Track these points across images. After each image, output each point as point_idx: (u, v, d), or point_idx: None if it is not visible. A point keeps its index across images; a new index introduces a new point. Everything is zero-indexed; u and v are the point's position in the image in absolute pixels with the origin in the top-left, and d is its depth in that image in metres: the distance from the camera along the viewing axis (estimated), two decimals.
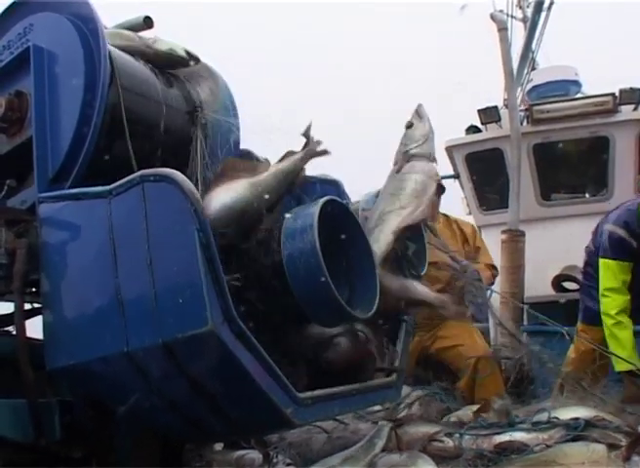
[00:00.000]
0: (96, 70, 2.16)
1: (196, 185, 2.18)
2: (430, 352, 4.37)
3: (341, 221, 2.21)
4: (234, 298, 1.74)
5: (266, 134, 2.35)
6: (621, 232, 3.96)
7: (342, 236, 2.21)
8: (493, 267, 4.73)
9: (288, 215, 2.09)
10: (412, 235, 2.70)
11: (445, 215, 4.80)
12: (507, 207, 5.71)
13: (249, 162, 2.42)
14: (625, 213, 4.00)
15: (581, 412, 2.93)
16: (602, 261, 4.00)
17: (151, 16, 2.63)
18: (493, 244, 5.30)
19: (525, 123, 6.29)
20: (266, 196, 2.16)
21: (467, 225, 4.94)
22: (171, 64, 2.57)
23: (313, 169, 2.48)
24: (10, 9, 2.50)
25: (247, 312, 1.86)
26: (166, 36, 2.60)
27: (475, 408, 3.38)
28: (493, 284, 4.77)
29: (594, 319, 4.06)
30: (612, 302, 3.90)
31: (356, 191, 2.90)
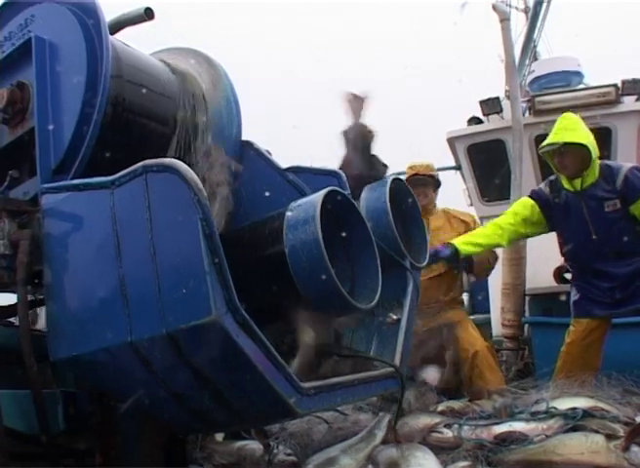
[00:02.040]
0: (98, 62, 2.15)
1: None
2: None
3: (343, 212, 2.21)
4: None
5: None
6: (542, 185, 4.16)
7: (344, 227, 2.21)
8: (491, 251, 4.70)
9: (290, 206, 2.10)
10: (413, 227, 2.70)
11: (445, 211, 4.78)
12: (509, 198, 5.70)
13: None
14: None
15: (580, 402, 2.95)
16: None
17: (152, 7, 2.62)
18: None
19: (527, 114, 6.27)
20: None
21: (466, 215, 4.96)
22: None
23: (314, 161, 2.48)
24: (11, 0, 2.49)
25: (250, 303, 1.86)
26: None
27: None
28: (492, 268, 4.79)
29: (574, 310, 4.06)
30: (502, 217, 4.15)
31: None
